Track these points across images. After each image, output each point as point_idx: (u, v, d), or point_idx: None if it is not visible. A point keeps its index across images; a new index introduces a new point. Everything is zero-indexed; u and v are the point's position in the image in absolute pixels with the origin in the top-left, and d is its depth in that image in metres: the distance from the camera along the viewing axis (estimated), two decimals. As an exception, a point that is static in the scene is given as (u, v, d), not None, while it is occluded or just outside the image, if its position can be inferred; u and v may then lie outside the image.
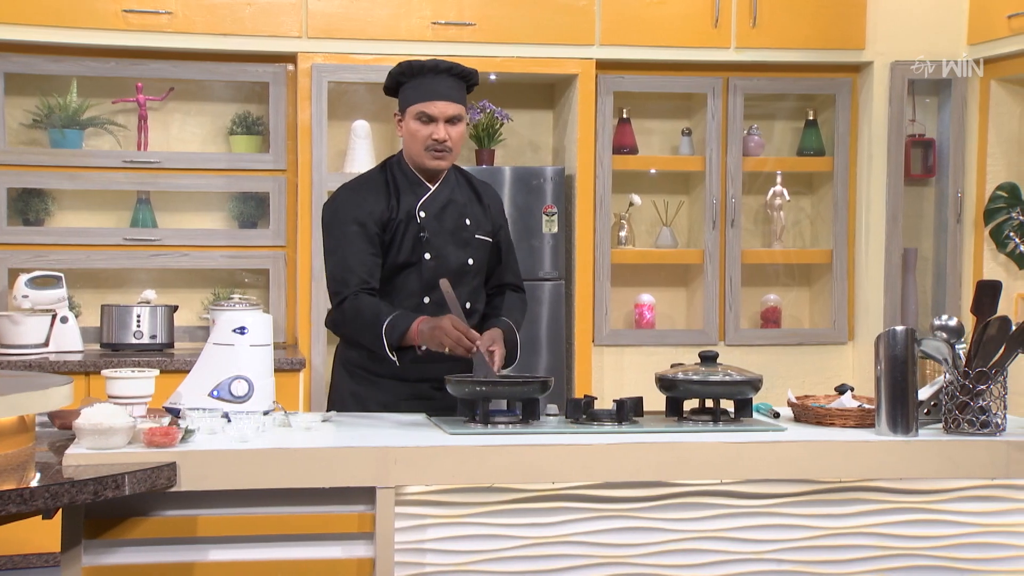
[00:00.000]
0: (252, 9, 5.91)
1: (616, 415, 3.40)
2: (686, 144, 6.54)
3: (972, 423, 3.29)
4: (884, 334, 3.28)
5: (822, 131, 6.65)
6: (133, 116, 6.17)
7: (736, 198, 6.42)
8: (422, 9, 6.03)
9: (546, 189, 6.17)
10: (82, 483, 2.74)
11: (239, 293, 6.15)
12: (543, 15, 6.12)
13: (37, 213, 6.10)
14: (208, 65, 6.07)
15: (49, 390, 3.14)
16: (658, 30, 6.20)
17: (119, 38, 5.85)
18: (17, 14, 5.72)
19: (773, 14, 6.27)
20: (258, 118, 6.25)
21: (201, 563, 3.04)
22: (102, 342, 5.91)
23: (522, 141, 6.64)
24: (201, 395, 3.43)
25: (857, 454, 3.23)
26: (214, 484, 2.98)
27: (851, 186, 6.53)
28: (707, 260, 6.42)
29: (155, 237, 6.08)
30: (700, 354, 3.49)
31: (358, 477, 3.05)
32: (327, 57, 5.97)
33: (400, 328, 3.55)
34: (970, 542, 3.30)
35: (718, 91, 6.40)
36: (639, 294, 6.55)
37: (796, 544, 3.26)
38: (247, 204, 6.28)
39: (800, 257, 6.68)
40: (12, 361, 5.54)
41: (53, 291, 5.83)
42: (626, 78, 6.35)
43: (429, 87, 3.75)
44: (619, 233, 6.49)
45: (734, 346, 6.44)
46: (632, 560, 3.20)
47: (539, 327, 6.18)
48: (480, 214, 3.91)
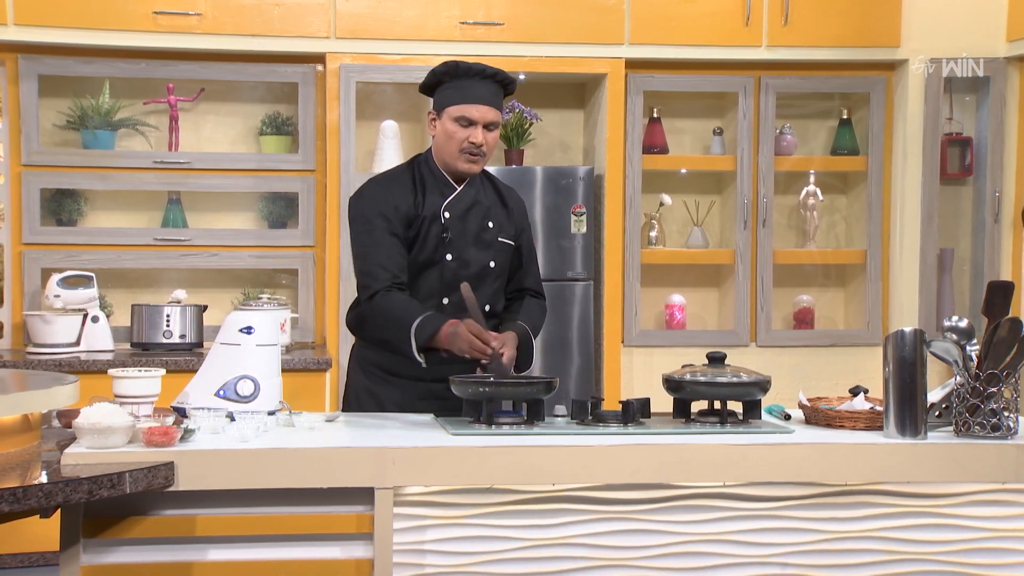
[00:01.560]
0: (280, 10, 5.93)
1: (622, 416, 3.37)
2: (717, 144, 6.49)
3: (983, 426, 3.24)
4: (892, 335, 3.23)
5: (856, 130, 6.57)
6: (165, 117, 6.22)
7: (768, 198, 6.37)
8: (450, 9, 6.02)
9: (576, 189, 6.15)
10: (76, 482, 2.75)
11: (268, 293, 6.17)
12: (572, 14, 6.09)
13: (70, 213, 6.16)
14: (237, 66, 6.11)
15: (52, 389, 3.15)
16: (688, 29, 6.16)
17: (149, 40, 5.89)
18: (50, 17, 5.77)
19: (805, 12, 6.20)
20: (288, 119, 6.28)
21: (200, 563, 3.05)
22: (132, 341, 5.95)
23: (552, 141, 6.62)
24: (208, 395, 3.45)
25: (863, 457, 3.18)
26: (212, 484, 2.99)
27: (885, 185, 6.46)
28: (738, 260, 6.37)
29: (185, 237, 6.11)
30: (708, 355, 3.45)
31: (356, 477, 3.05)
32: (355, 57, 5.98)
33: (428, 331, 3.53)
34: (979, 547, 3.24)
35: (749, 90, 6.34)
36: (670, 295, 6.51)
37: (801, 548, 3.22)
38: (276, 204, 6.31)
39: (834, 257, 6.62)
40: (43, 360, 5.59)
41: (84, 291, 5.88)
42: (656, 77, 6.31)
43: (472, 90, 3.72)
44: (649, 233, 6.45)
45: (765, 347, 6.39)
46: (634, 563, 3.18)
47: (568, 328, 6.16)
48: (504, 217, 3.89)
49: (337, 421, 3.49)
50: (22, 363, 5.53)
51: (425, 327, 3.53)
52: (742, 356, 6.34)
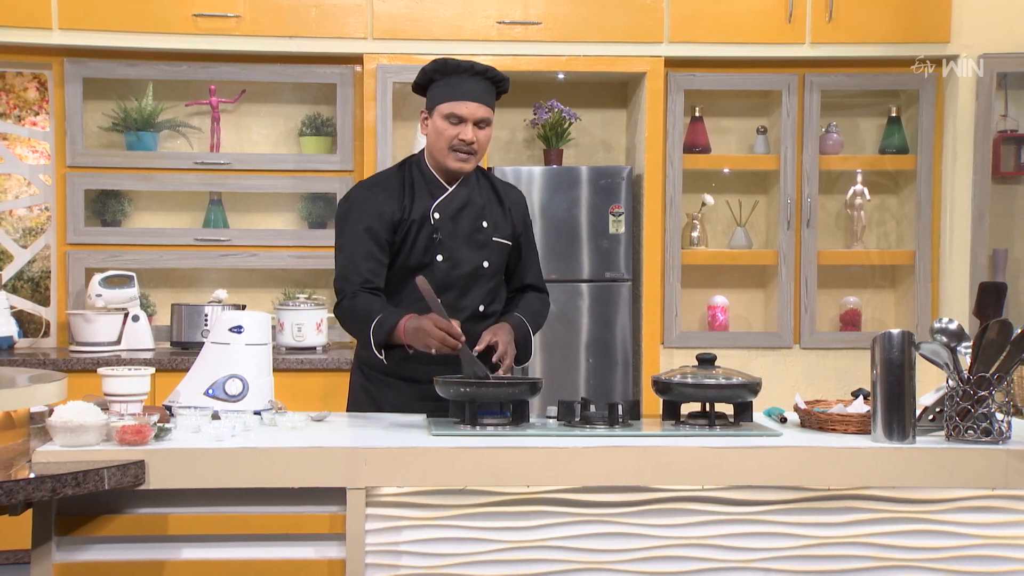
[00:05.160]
0: (318, 11, 5.95)
1: (608, 418, 3.32)
2: (761, 143, 6.40)
3: (974, 430, 3.14)
4: (879, 336, 3.15)
5: (906, 128, 6.43)
6: (207, 118, 6.29)
7: (812, 197, 6.25)
8: (487, 9, 6.01)
9: (618, 189, 6.09)
10: (39, 480, 2.77)
11: (307, 292, 6.20)
12: (610, 13, 6.04)
13: (114, 214, 6.25)
14: (276, 67, 6.15)
15: (33, 387, 3.19)
16: (729, 26, 6.07)
17: (190, 42, 5.95)
18: (94, 21, 5.86)
19: (850, 8, 6.09)
20: (327, 119, 6.31)
21: (173, 561, 3.06)
22: (172, 340, 6.02)
23: (595, 141, 6.57)
24: (197, 393, 3.47)
25: (847, 461, 3.10)
26: (182, 483, 3.00)
27: (935, 184, 6.31)
28: (781, 261, 6.26)
29: (225, 237, 6.17)
30: (697, 356, 3.39)
31: (327, 478, 3.04)
32: (392, 58, 5.99)
33: (387, 326, 3.52)
34: (969, 554, 3.15)
35: (793, 88, 6.24)
36: (712, 296, 6.43)
37: (784, 553, 3.15)
38: (316, 204, 6.34)
39: (881, 258, 6.48)
40: (83, 358, 5.67)
41: (125, 290, 5.95)
42: (697, 76, 6.24)
43: (461, 87, 3.70)
44: (691, 234, 6.38)
45: (809, 349, 6.28)
46: (611, 566, 3.13)
47: (609, 329, 6.11)
48: (499, 216, 3.86)
49: (324, 421, 3.48)
50: (63, 362, 5.62)
51: (384, 324, 3.52)
52: (785, 358, 6.25)
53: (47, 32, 5.87)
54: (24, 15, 5.82)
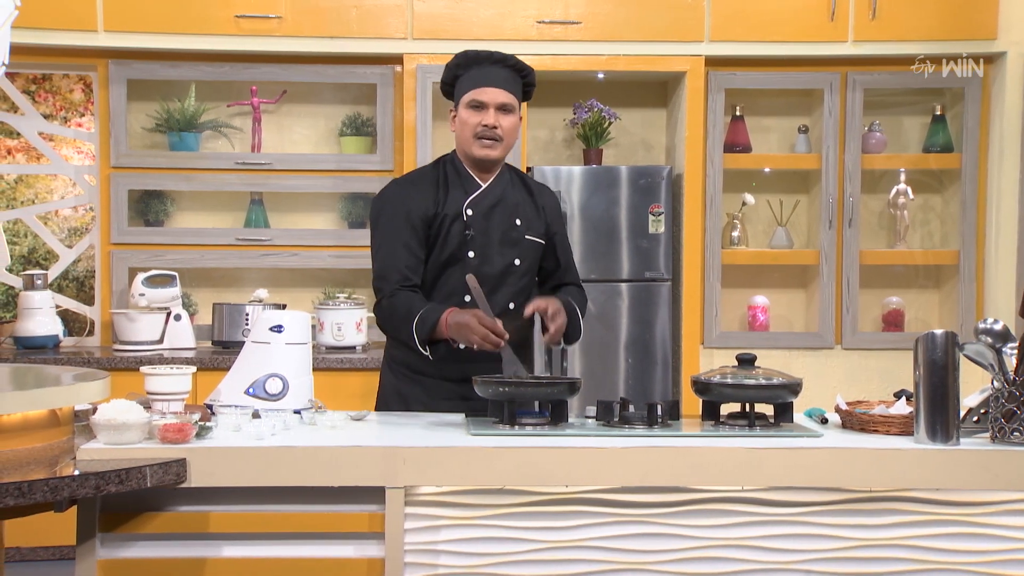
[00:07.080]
0: (358, 12, 5.97)
1: (647, 418, 3.32)
2: (803, 142, 6.36)
3: (1020, 432, 3.11)
4: (922, 337, 3.12)
5: (951, 127, 6.38)
6: (248, 119, 6.33)
7: (854, 197, 6.21)
8: (527, 8, 6.01)
9: (658, 189, 6.08)
10: (83, 477, 2.79)
11: (347, 292, 6.22)
12: (650, 12, 6.03)
13: (156, 214, 6.29)
14: (317, 68, 6.17)
15: (77, 385, 3.21)
16: (770, 25, 6.05)
17: (232, 43, 5.98)
18: (138, 23, 5.91)
19: (894, 5, 6.05)
20: (368, 119, 6.32)
21: (214, 559, 3.07)
22: (213, 339, 6.05)
23: (635, 140, 6.56)
24: (238, 392, 3.49)
25: (889, 462, 3.07)
26: (223, 481, 3.01)
27: (980, 184, 6.26)
28: (823, 261, 6.23)
29: (266, 237, 6.20)
30: (737, 357, 3.38)
31: (367, 477, 3.05)
32: (432, 58, 6.00)
33: (430, 321, 3.53)
34: (1013, 558, 3.11)
35: (835, 87, 6.20)
36: (753, 296, 6.40)
37: (825, 555, 3.12)
38: (356, 204, 6.36)
39: (925, 258, 6.43)
40: (126, 357, 5.72)
41: (167, 290, 6.00)
42: (738, 75, 6.21)
43: (482, 75, 3.72)
44: (731, 233, 6.35)
45: (851, 349, 6.24)
46: (649, 567, 3.12)
47: (649, 328, 6.10)
48: (532, 215, 3.86)
49: (364, 420, 3.49)
50: (106, 360, 5.66)
51: (426, 319, 3.53)
52: (827, 359, 6.22)
53: (92, 34, 5.93)
54: (70, 17, 5.88)
